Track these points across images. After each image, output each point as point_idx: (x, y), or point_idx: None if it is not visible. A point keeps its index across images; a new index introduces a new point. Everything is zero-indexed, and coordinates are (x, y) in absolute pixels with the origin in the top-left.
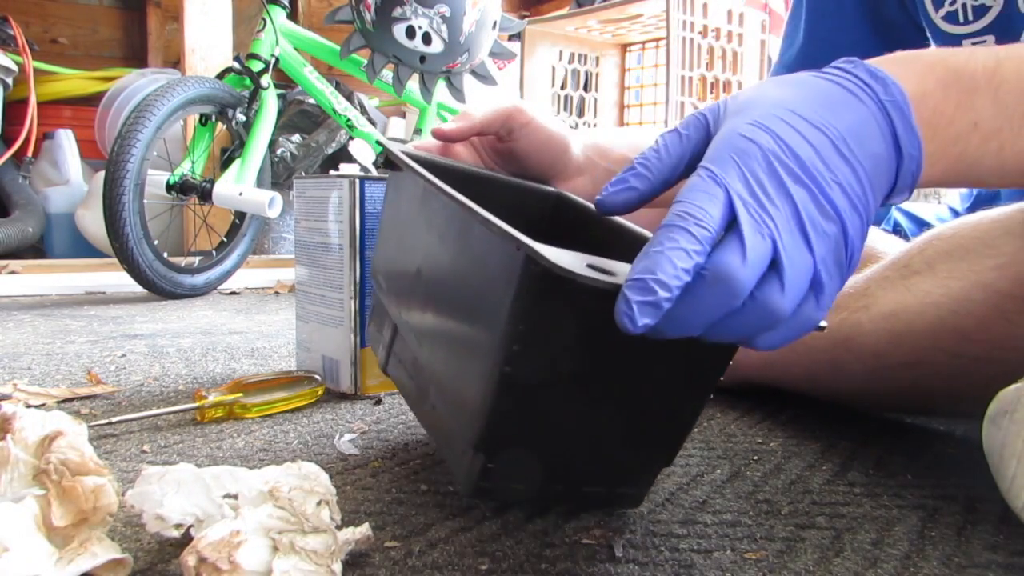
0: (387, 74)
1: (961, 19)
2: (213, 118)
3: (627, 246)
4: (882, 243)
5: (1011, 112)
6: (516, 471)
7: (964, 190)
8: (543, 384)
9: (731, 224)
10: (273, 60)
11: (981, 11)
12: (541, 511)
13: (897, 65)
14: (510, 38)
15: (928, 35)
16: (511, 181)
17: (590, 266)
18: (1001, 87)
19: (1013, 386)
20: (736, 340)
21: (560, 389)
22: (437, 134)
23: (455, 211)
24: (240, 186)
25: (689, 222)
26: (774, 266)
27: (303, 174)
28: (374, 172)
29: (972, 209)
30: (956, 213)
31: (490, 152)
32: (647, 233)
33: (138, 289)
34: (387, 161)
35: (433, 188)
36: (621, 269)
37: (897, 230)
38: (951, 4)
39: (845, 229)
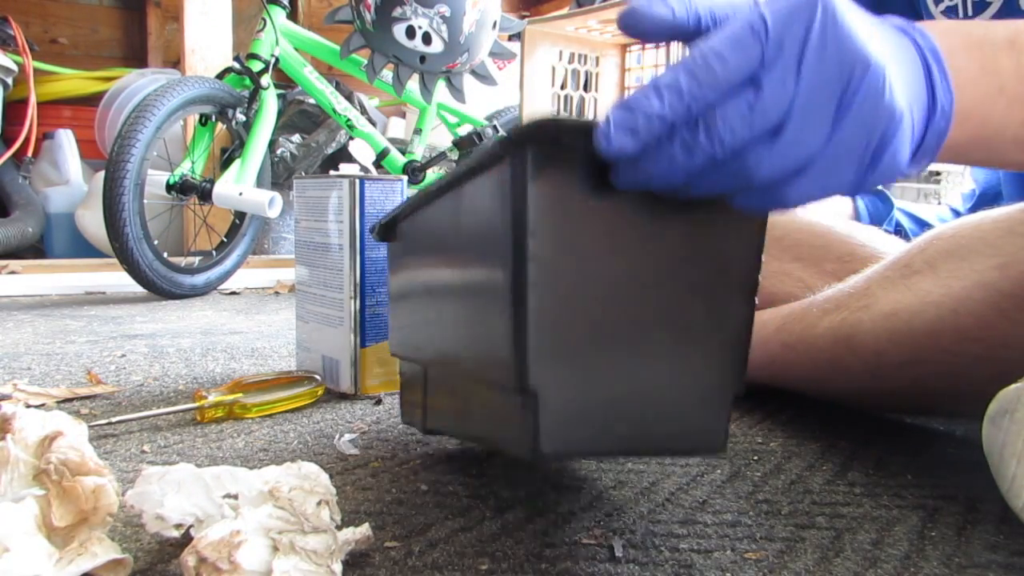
0: (387, 74)
1: (961, 14)
2: (213, 118)
3: None
4: (883, 243)
5: None
6: (575, 414)
7: (966, 189)
8: (572, 289)
9: (752, 81)
10: (273, 60)
11: (981, 7)
12: (541, 512)
13: (920, 25)
14: (510, 38)
15: None
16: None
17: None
18: None
19: (1013, 386)
20: (709, 193)
21: (591, 297)
22: None
23: (440, 200)
24: (240, 186)
25: (700, 67)
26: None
27: (303, 174)
28: (374, 172)
29: (974, 209)
30: (957, 213)
31: None
32: None
33: (138, 289)
34: (382, 229)
35: (419, 201)
36: None
37: (898, 230)
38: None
39: (882, 125)
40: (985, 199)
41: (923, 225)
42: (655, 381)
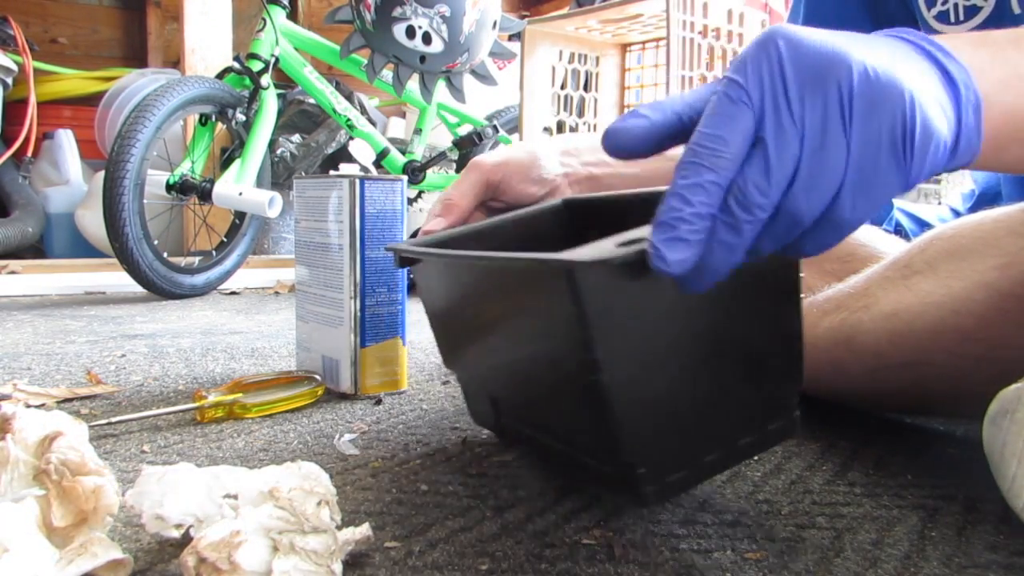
0: (387, 74)
1: (952, 19)
2: (213, 118)
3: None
4: (883, 243)
5: None
6: (670, 463)
7: (966, 189)
8: (647, 373)
9: (757, 141)
10: (273, 60)
11: (972, 11)
12: (541, 512)
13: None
14: (510, 38)
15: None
16: (516, 215)
17: (620, 244)
18: None
19: (1013, 386)
20: (781, 248)
21: (665, 370)
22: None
23: (483, 269)
24: (240, 186)
25: (706, 155)
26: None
27: (303, 174)
28: (374, 172)
29: (974, 209)
30: (957, 213)
31: (485, 213)
32: None
33: (138, 289)
34: (403, 260)
35: (454, 261)
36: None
37: (899, 230)
38: (943, 3)
39: (903, 110)
40: (985, 199)
41: (923, 225)
42: (730, 411)
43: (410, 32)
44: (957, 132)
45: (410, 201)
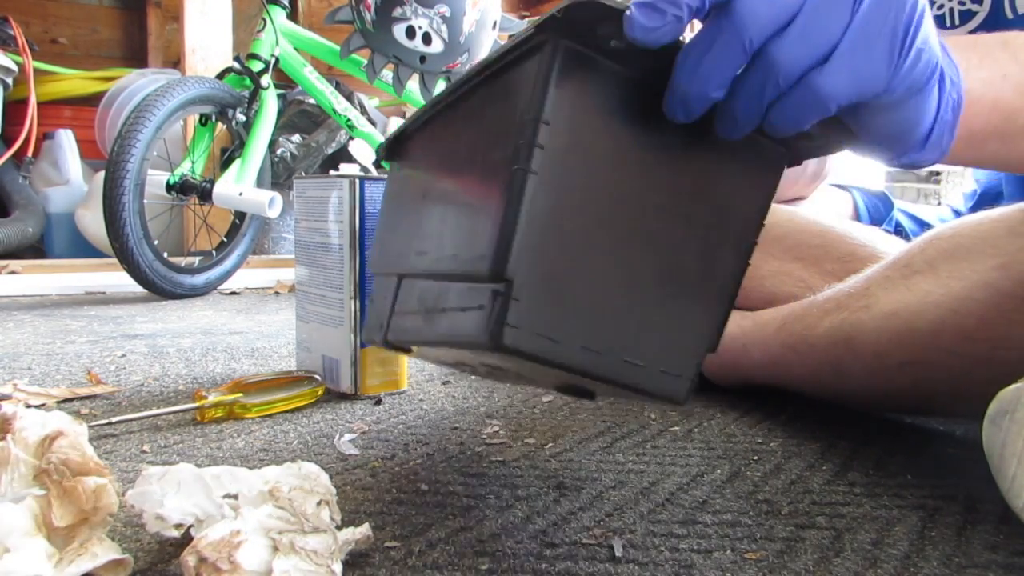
0: (387, 74)
1: (948, 23)
2: (213, 118)
3: None
4: (883, 243)
5: None
6: (545, 315)
7: (968, 189)
8: (570, 197)
9: None
10: (273, 60)
11: (967, 16)
12: (541, 512)
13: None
14: (510, 38)
15: None
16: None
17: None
18: (1019, 51)
19: (1013, 386)
20: (753, 111)
21: (590, 210)
22: None
23: (458, 100)
24: (240, 186)
25: None
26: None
27: (303, 174)
28: (374, 172)
29: (975, 209)
30: (958, 214)
31: None
32: None
33: (138, 289)
34: (391, 145)
35: (437, 103)
36: None
37: (899, 231)
38: (938, 8)
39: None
40: (986, 198)
41: (923, 226)
42: (632, 309)
43: (410, 32)
44: (931, 124)
45: None
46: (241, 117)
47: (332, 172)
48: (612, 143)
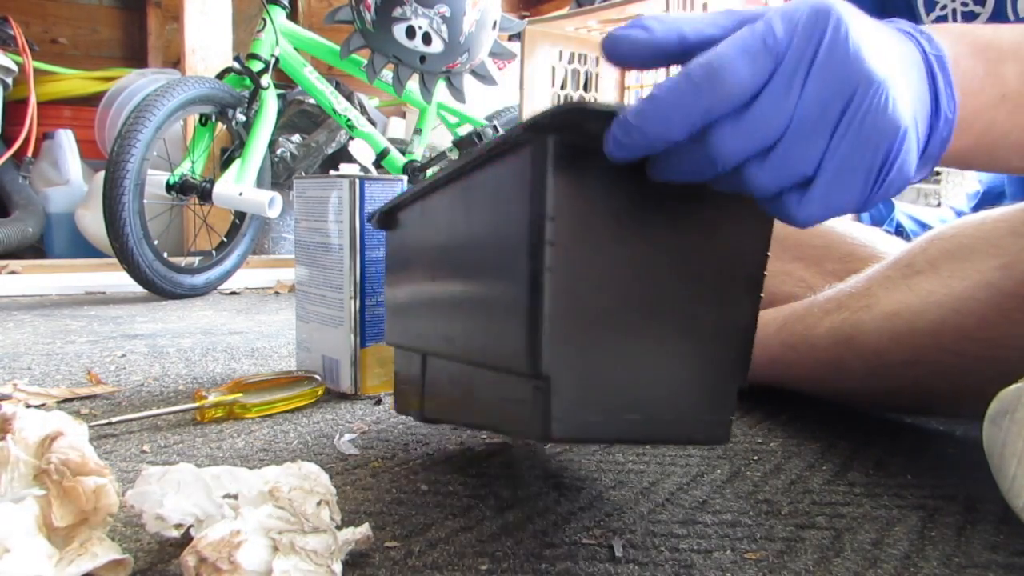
0: (387, 74)
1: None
2: (213, 118)
3: None
4: (884, 243)
5: None
6: (586, 400)
7: (971, 189)
8: (587, 282)
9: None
10: (273, 60)
11: (970, 16)
12: (541, 512)
13: (929, 29)
14: (510, 38)
15: None
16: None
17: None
18: None
19: (1013, 386)
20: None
21: (607, 288)
22: None
23: (450, 187)
24: (240, 186)
25: (710, 78)
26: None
27: (303, 174)
28: (374, 172)
29: (977, 209)
30: (960, 214)
31: None
32: None
33: (138, 289)
34: (382, 217)
35: (427, 189)
36: None
37: (900, 231)
38: (941, 8)
39: (898, 137)
40: (989, 198)
41: (924, 227)
42: (664, 370)
43: (410, 32)
44: (918, 158)
45: None
46: (241, 117)
47: (332, 172)
48: (615, 220)
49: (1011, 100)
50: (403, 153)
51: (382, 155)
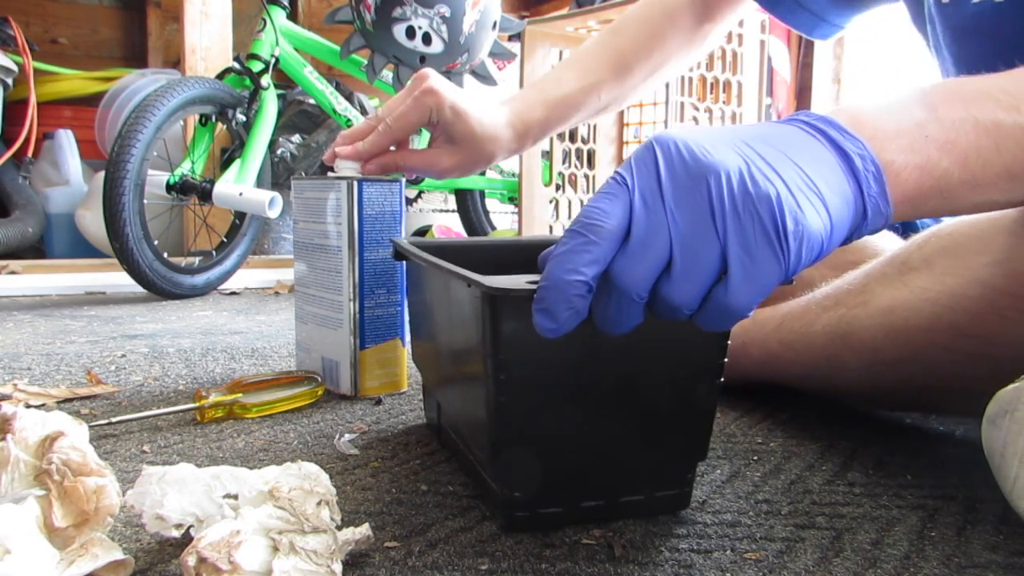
0: (387, 74)
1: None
2: (213, 118)
3: None
4: (880, 240)
5: (960, 138)
6: (546, 494)
7: None
8: (539, 393)
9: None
10: (273, 60)
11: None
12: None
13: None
14: (510, 38)
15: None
16: (513, 241)
17: (530, 282)
18: (939, 106)
19: (1011, 386)
20: (672, 317)
21: (560, 397)
22: (351, 155)
23: (439, 275)
24: (240, 186)
25: (587, 225)
26: (669, 264)
27: (303, 174)
28: None
29: None
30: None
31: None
32: None
33: (138, 289)
34: (396, 253)
35: (424, 264)
36: None
37: (896, 229)
38: None
39: (777, 202)
40: None
41: (923, 225)
42: (625, 458)
43: (410, 32)
44: (862, 202)
45: (409, 202)
46: (241, 117)
47: (331, 173)
48: (565, 345)
49: (935, 140)
50: None
51: None
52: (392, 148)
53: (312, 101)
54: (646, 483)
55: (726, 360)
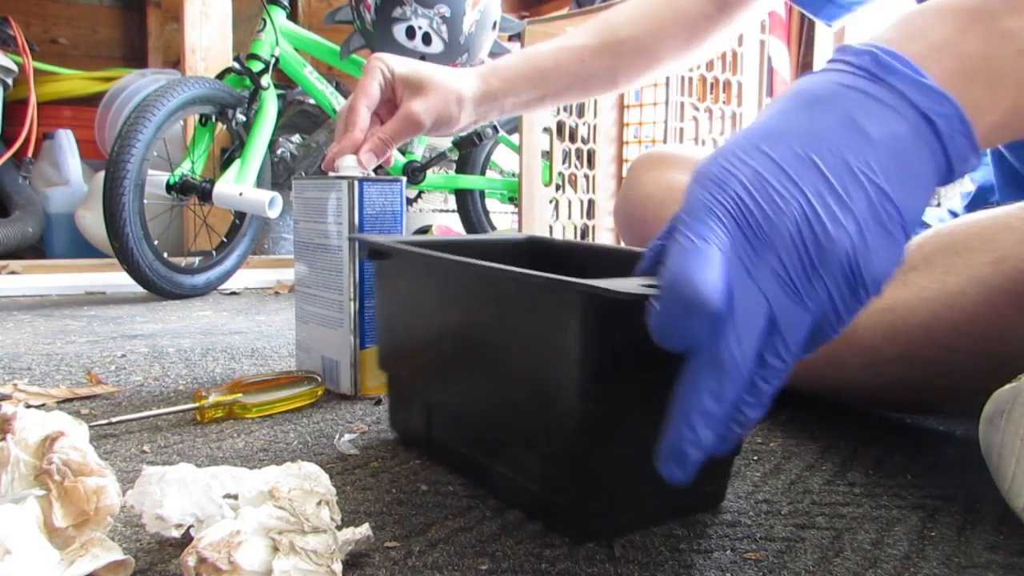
0: None
1: None
2: (213, 118)
3: (613, 266)
4: None
5: None
6: (621, 503)
7: (966, 188)
8: (621, 410)
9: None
10: (273, 60)
11: None
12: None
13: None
14: (510, 38)
15: None
16: (483, 238)
17: (645, 285)
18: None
19: (1008, 385)
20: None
21: (639, 410)
22: (343, 148)
23: (477, 277)
24: (240, 186)
25: (715, 374)
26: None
27: (303, 174)
28: (373, 173)
29: (970, 206)
30: (954, 215)
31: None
32: (636, 249)
33: (138, 289)
34: (372, 252)
35: (445, 263)
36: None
37: None
38: None
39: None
40: (981, 194)
41: (923, 226)
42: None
43: (410, 32)
44: (949, 172)
45: (409, 202)
46: (241, 117)
47: (331, 173)
48: (647, 351)
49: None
50: (403, 153)
51: None
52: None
53: (312, 101)
54: (697, 479)
55: None
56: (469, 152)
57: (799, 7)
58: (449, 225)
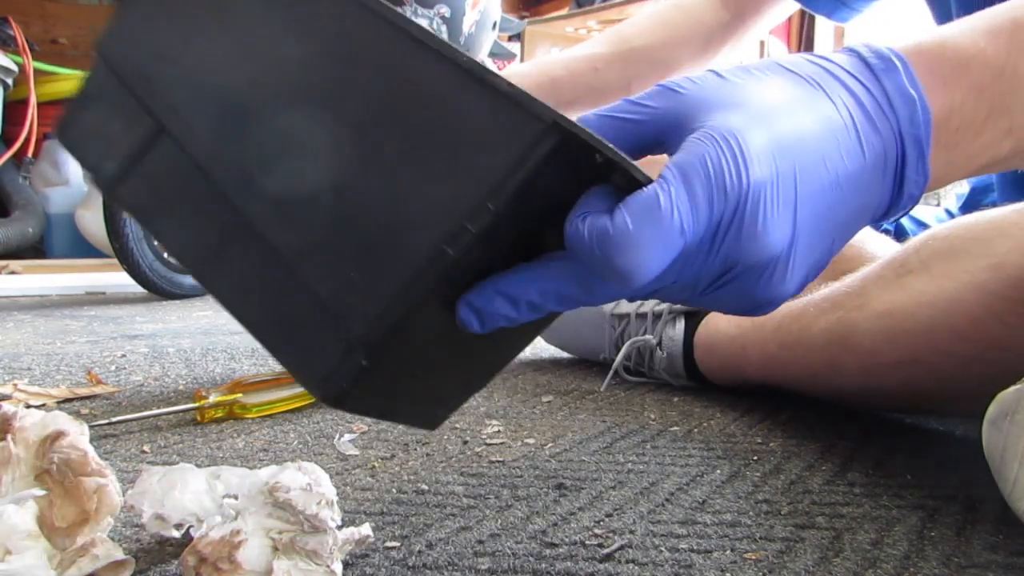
0: None
1: None
2: None
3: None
4: (872, 244)
5: None
6: (391, 384)
7: (961, 190)
8: (466, 278)
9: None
10: None
11: None
12: (541, 512)
13: (928, 67)
14: (510, 38)
15: None
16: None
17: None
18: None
19: (1012, 388)
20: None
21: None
22: None
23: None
24: None
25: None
26: None
27: None
28: None
29: (966, 207)
30: (951, 215)
31: None
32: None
33: (138, 289)
34: None
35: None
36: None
37: (899, 231)
38: None
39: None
40: (975, 194)
41: (922, 226)
42: (453, 381)
43: None
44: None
45: None
46: None
47: None
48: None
49: (1017, 133)
50: None
51: None
52: None
53: None
54: (437, 408)
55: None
56: None
57: (811, 10)
58: None
